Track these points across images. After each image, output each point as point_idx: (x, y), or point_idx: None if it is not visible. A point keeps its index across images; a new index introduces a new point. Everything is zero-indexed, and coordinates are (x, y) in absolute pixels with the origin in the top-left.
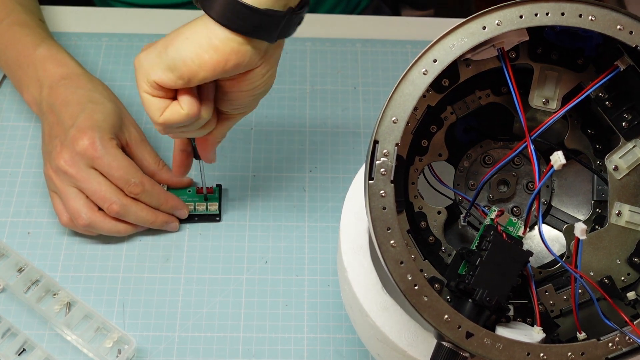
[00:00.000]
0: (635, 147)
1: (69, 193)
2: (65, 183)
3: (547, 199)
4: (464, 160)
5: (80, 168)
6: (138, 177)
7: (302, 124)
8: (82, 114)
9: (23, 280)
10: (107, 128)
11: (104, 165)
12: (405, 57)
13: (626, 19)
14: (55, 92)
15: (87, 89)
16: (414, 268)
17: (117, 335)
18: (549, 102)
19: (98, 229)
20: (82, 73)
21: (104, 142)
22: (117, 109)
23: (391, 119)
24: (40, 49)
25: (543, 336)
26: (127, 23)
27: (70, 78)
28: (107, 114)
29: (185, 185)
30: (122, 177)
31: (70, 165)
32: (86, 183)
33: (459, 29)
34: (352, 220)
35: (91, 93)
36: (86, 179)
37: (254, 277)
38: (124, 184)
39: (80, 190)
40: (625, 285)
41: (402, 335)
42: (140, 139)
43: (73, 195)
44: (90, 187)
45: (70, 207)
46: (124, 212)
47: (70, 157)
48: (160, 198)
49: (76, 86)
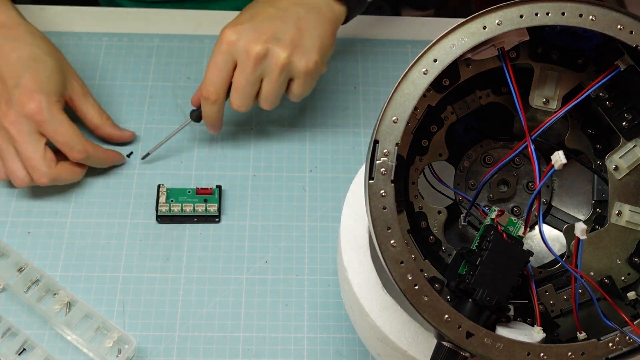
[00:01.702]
0: (635, 146)
1: (8, 153)
2: (6, 141)
3: (547, 198)
4: (464, 160)
5: (22, 131)
6: (81, 144)
7: (302, 124)
8: (25, 74)
9: (23, 280)
10: (52, 90)
11: (50, 131)
12: (405, 57)
13: (626, 18)
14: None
15: (27, 43)
16: (414, 268)
17: (117, 335)
18: (549, 102)
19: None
20: (21, 22)
21: (50, 106)
22: (59, 65)
23: (391, 119)
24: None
25: (543, 336)
26: (127, 23)
27: (8, 27)
28: (50, 73)
29: (126, 138)
30: (67, 142)
31: (14, 126)
32: (23, 148)
33: (459, 29)
34: (352, 220)
35: (32, 48)
36: (25, 143)
37: (254, 277)
38: (68, 149)
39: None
40: (625, 285)
41: (402, 335)
42: (83, 93)
43: (12, 156)
44: (25, 153)
45: (8, 167)
46: (52, 182)
47: (15, 119)
48: (102, 157)
49: (15, 38)
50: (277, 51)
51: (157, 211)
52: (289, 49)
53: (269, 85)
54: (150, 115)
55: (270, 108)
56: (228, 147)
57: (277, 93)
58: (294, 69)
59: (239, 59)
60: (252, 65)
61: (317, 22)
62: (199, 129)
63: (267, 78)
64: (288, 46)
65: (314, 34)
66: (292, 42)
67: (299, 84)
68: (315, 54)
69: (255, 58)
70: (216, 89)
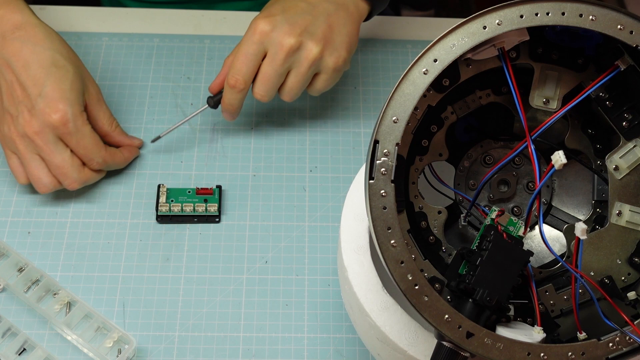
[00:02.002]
0: (635, 146)
1: (32, 160)
2: (29, 150)
3: (547, 198)
4: (465, 160)
5: (48, 140)
6: (101, 156)
7: (302, 124)
8: (48, 82)
9: (23, 280)
10: (75, 99)
11: (72, 142)
12: (405, 57)
13: (626, 18)
14: (10, 46)
15: (46, 48)
16: (414, 268)
17: (117, 335)
18: (550, 102)
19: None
20: (38, 24)
21: (75, 118)
22: (79, 71)
23: (392, 119)
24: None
25: (543, 336)
26: (127, 23)
27: (25, 29)
28: (72, 80)
29: (137, 144)
30: (87, 155)
31: (39, 136)
32: (51, 157)
33: (460, 29)
34: (352, 220)
35: (52, 53)
36: (52, 152)
37: (254, 277)
38: (88, 160)
39: (42, 159)
40: (625, 285)
41: (402, 335)
42: (97, 98)
43: (36, 163)
44: (54, 161)
45: (33, 174)
46: (83, 186)
47: (39, 128)
48: (120, 163)
49: (34, 42)
50: (310, 45)
51: (157, 211)
52: (322, 44)
53: (295, 78)
54: (150, 115)
55: (291, 100)
56: (228, 147)
57: (302, 86)
58: (323, 64)
59: (270, 50)
60: (284, 57)
61: (345, 19)
62: (199, 129)
63: (294, 71)
64: (320, 41)
65: (343, 31)
66: (324, 37)
67: (324, 79)
68: (344, 51)
69: (288, 50)
70: (244, 77)
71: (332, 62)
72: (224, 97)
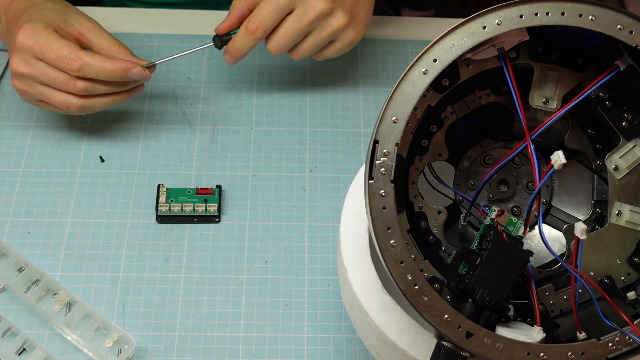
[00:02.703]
0: (635, 146)
1: (44, 91)
2: (34, 85)
3: (547, 198)
4: (464, 160)
5: (29, 63)
6: (74, 52)
7: (302, 124)
8: (21, 17)
9: (23, 280)
10: (41, 19)
11: (40, 51)
12: (405, 57)
13: (626, 18)
14: (8, 15)
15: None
16: (414, 268)
17: (117, 335)
18: (549, 102)
19: (93, 107)
20: None
21: (36, 30)
22: (58, 6)
23: (391, 119)
24: None
25: (543, 336)
26: (127, 23)
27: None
28: (44, 10)
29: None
30: (58, 56)
31: (23, 66)
32: (43, 76)
33: (459, 29)
34: (352, 220)
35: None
36: (41, 71)
37: (254, 277)
38: (62, 62)
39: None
40: (625, 285)
41: (402, 335)
42: (95, 27)
43: (50, 91)
44: (48, 78)
45: (57, 100)
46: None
47: (18, 57)
48: (106, 65)
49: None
50: (340, 14)
51: (157, 211)
52: (349, 15)
53: (313, 41)
54: (150, 115)
55: (299, 59)
56: (228, 147)
57: (316, 50)
58: (344, 35)
59: (300, 8)
60: (312, 19)
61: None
62: (199, 129)
63: (315, 34)
64: (348, 12)
65: (365, 6)
66: (352, 9)
67: (337, 49)
68: (364, 26)
69: (319, 13)
70: (265, 27)
71: (353, 35)
72: (236, 40)
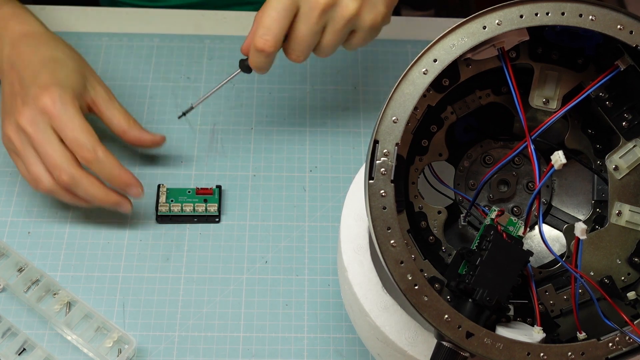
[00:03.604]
0: (635, 146)
1: (29, 157)
2: (25, 145)
3: (547, 198)
4: (464, 160)
5: (38, 128)
6: (92, 143)
7: (302, 124)
8: (43, 71)
9: (23, 280)
10: (69, 86)
11: (60, 124)
12: (405, 57)
13: (626, 18)
14: (16, 50)
15: (49, 47)
16: (414, 268)
17: (117, 335)
18: (549, 102)
19: (59, 197)
20: (45, 32)
21: (63, 100)
22: (80, 67)
23: (391, 119)
24: (5, 8)
25: (543, 336)
26: (127, 23)
27: (32, 36)
28: (69, 72)
29: (157, 142)
30: (76, 139)
31: (30, 124)
32: (41, 146)
33: (459, 29)
34: (352, 220)
35: (53, 52)
36: (42, 140)
37: (254, 277)
38: (76, 146)
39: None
40: (625, 285)
41: (402, 335)
42: (108, 97)
43: (34, 160)
44: (44, 151)
45: (32, 171)
46: (74, 184)
47: (30, 115)
48: (114, 170)
49: (38, 44)
50: (346, 2)
51: (157, 211)
52: (359, 0)
53: (330, 36)
54: (150, 115)
55: (327, 56)
56: (228, 147)
57: (338, 44)
58: (361, 21)
59: (303, 7)
60: (318, 15)
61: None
62: (199, 129)
63: (329, 28)
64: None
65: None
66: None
67: (361, 37)
68: (384, 7)
69: (323, 8)
70: (274, 38)
71: (370, 19)
72: (251, 60)
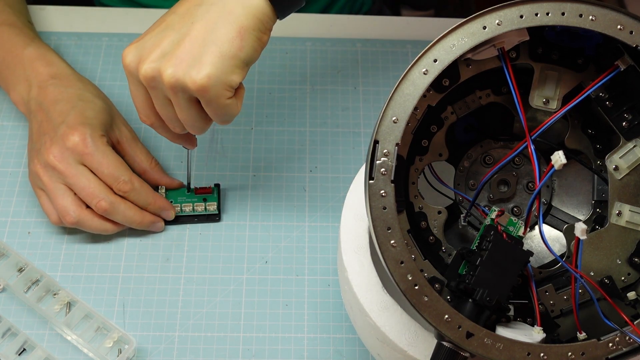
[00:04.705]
0: (635, 147)
1: (57, 190)
2: (54, 180)
3: (547, 198)
4: (464, 160)
5: (69, 164)
6: (127, 175)
7: (302, 124)
8: (72, 111)
9: (23, 280)
10: (97, 125)
11: (94, 162)
12: (405, 57)
13: (626, 18)
14: (44, 91)
15: (76, 88)
16: (414, 268)
17: (117, 335)
18: (549, 102)
19: (86, 227)
20: (71, 73)
21: (94, 138)
22: (107, 107)
23: (391, 119)
24: (29, 49)
25: (543, 336)
26: (127, 23)
27: (59, 77)
28: (97, 112)
29: (176, 186)
30: (112, 174)
31: (60, 161)
32: (75, 179)
33: (459, 29)
34: (352, 220)
35: (81, 92)
36: (75, 174)
37: (254, 277)
38: (113, 181)
39: (68, 187)
40: (625, 285)
41: (402, 335)
42: (131, 137)
43: (61, 193)
44: (79, 184)
45: (59, 204)
46: (112, 210)
47: (59, 153)
48: (149, 197)
49: (65, 85)
50: (162, 68)
51: None
52: (175, 63)
53: (177, 110)
54: None
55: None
56: (228, 147)
57: (193, 118)
58: (186, 88)
59: (142, 83)
60: (151, 89)
61: (216, 21)
62: None
63: (172, 102)
64: (171, 60)
65: (209, 39)
66: (180, 54)
67: (205, 106)
68: (208, 67)
69: (148, 81)
70: (144, 113)
71: (192, 82)
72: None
